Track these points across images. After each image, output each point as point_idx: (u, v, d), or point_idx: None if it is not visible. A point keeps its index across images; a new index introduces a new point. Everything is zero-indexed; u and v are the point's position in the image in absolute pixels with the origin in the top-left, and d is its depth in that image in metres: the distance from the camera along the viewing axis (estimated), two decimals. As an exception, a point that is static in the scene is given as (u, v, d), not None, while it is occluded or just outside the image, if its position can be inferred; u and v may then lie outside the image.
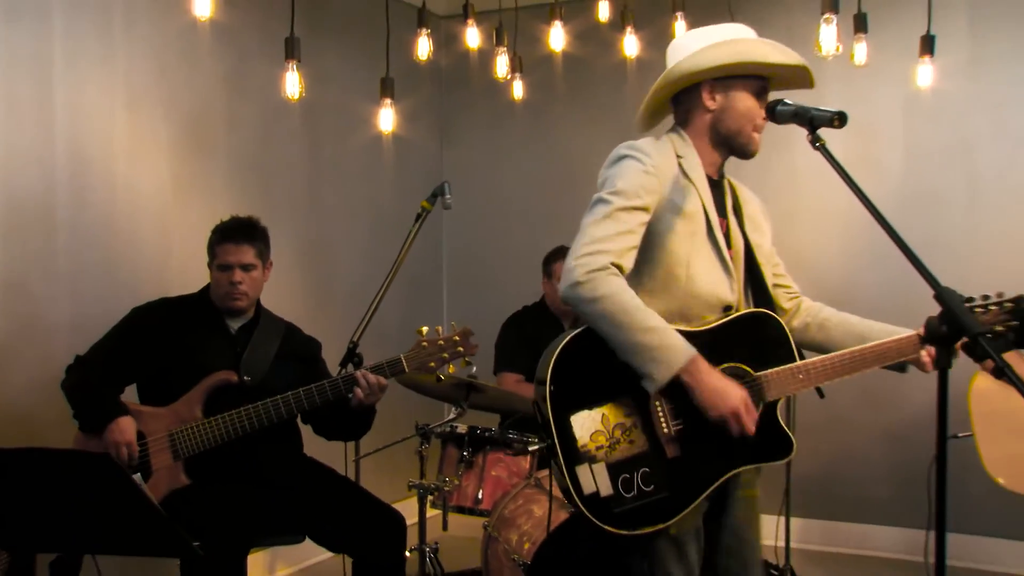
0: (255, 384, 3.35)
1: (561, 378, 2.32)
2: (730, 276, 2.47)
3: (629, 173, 2.40)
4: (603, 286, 2.27)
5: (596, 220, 2.36)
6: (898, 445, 5.00)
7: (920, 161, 5.00)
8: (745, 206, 2.64)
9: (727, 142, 2.52)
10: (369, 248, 5.33)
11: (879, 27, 4.61)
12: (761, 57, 2.44)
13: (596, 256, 2.30)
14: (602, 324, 2.29)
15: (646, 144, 2.47)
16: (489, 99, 5.89)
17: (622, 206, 2.36)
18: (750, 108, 2.48)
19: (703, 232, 2.45)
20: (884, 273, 4.85)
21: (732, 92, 2.48)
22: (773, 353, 2.47)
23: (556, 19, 4.82)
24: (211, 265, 3.46)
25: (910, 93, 4.88)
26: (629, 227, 2.35)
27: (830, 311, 2.69)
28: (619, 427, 2.33)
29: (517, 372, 4.42)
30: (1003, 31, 4.84)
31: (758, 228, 2.64)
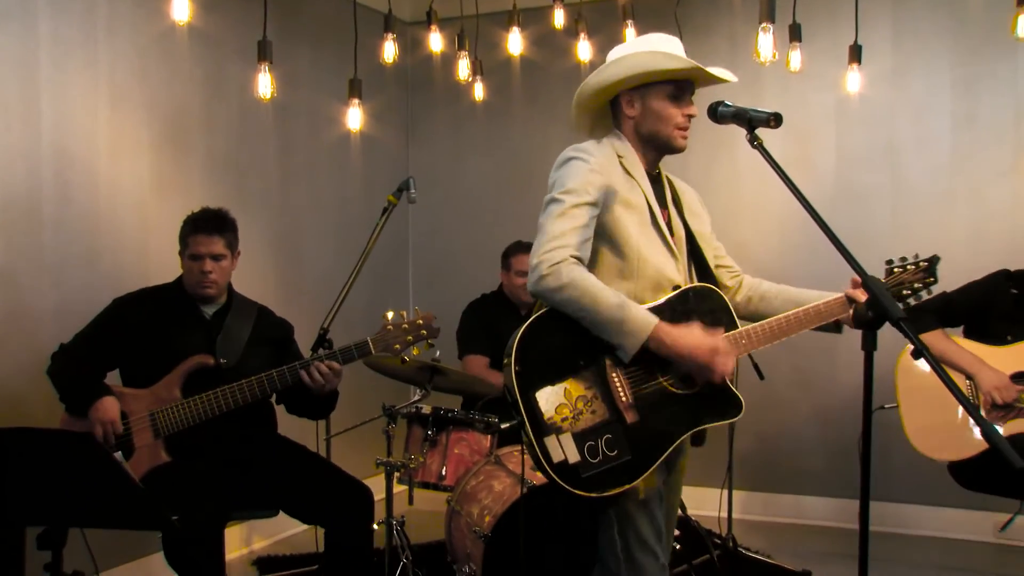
0: (231, 366, 3.34)
1: (525, 359, 2.36)
2: (675, 259, 2.54)
3: (577, 173, 2.46)
4: (566, 275, 2.33)
5: (552, 218, 2.41)
6: (830, 422, 5.08)
7: (850, 162, 5.07)
8: (683, 196, 2.72)
9: (652, 142, 2.59)
10: (338, 240, 5.30)
11: (812, 36, 4.66)
12: (652, 66, 2.51)
13: (556, 251, 2.36)
14: (572, 308, 2.35)
15: (590, 145, 2.55)
16: (451, 100, 5.88)
17: (574, 203, 2.41)
18: (663, 109, 2.54)
19: (648, 222, 2.52)
20: (818, 264, 4.89)
21: (647, 98, 2.56)
22: (718, 321, 2.53)
23: (514, 25, 4.83)
24: (183, 254, 3.43)
25: (840, 98, 4.94)
26: (582, 222, 2.41)
27: (768, 284, 2.77)
28: (581, 399, 2.37)
29: (483, 355, 4.43)
30: (923, 44, 4.92)
31: (697, 216, 2.72)
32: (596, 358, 2.39)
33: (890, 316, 1.85)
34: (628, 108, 2.57)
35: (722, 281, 2.75)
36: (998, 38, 4.63)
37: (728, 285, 2.78)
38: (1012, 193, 4.78)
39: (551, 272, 2.33)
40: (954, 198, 4.88)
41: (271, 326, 3.59)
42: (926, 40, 4.91)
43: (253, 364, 3.31)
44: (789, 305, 2.65)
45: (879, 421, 3.75)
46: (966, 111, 4.86)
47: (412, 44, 5.93)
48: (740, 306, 2.76)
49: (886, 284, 2.70)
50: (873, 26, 4.85)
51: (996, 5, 4.61)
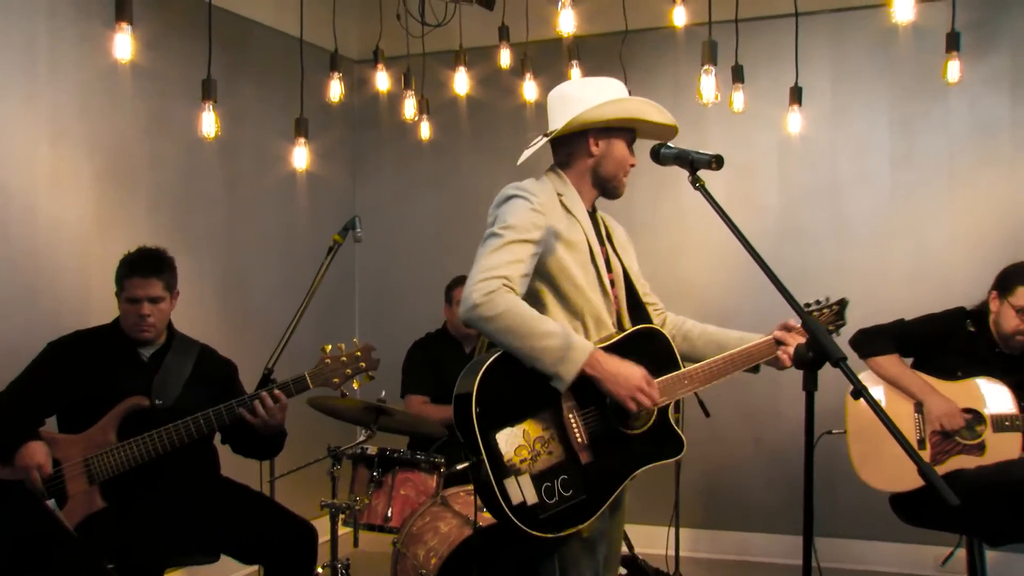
0: (167, 407, 3.25)
1: (485, 400, 2.34)
2: (607, 298, 2.56)
3: (519, 211, 2.46)
4: (500, 303, 2.32)
5: (489, 251, 2.41)
6: (775, 455, 5.10)
7: (793, 200, 5.14)
8: (614, 233, 2.76)
9: (602, 183, 2.64)
10: (284, 278, 5.25)
11: (754, 77, 4.74)
12: (647, 116, 2.58)
13: (490, 280, 2.35)
14: (505, 338, 2.33)
15: (531, 184, 2.56)
16: (398, 139, 5.87)
17: (513, 239, 2.41)
18: (624, 155, 2.62)
19: (588, 260, 2.54)
20: (763, 300, 4.91)
21: (612, 141, 2.61)
22: (663, 363, 2.57)
23: (460, 65, 4.85)
24: (119, 296, 3.33)
25: (783, 138, 5.02)
26: (519, 257, 2.41)
27: (691, 324, 2.81)
28: (539, 440, 2.37)
29: (422, 394, 4.40)
30: (862, 85, 5.03)
31: (627, 252, 2.77)
32: (553, 399, 2.40)
33: (830, 356, 1.86)
34: (593, 147, 2.60)
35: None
36: (931, 81, 4.75)
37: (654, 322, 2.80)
38: (948, 230, 4.88)
39: (485, 301, 2.32)
40: (893, 235, 4.97)
41: (213, 365, 3.52)
42: (864, 82, 5.02)
43: (192, 404, 3.23)
44: (711, 347, 2.71)
45: (826, 448, 3.77)
46: (903, 150, 4.97)
47: (359, 82, 5.92)
48: None
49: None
50: (813, 68, 4.95)
51: (928, 50, 4.74)
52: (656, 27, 5.20)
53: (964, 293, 3.97)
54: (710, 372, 2.61)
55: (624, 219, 2.90)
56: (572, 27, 3.83)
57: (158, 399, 3.26)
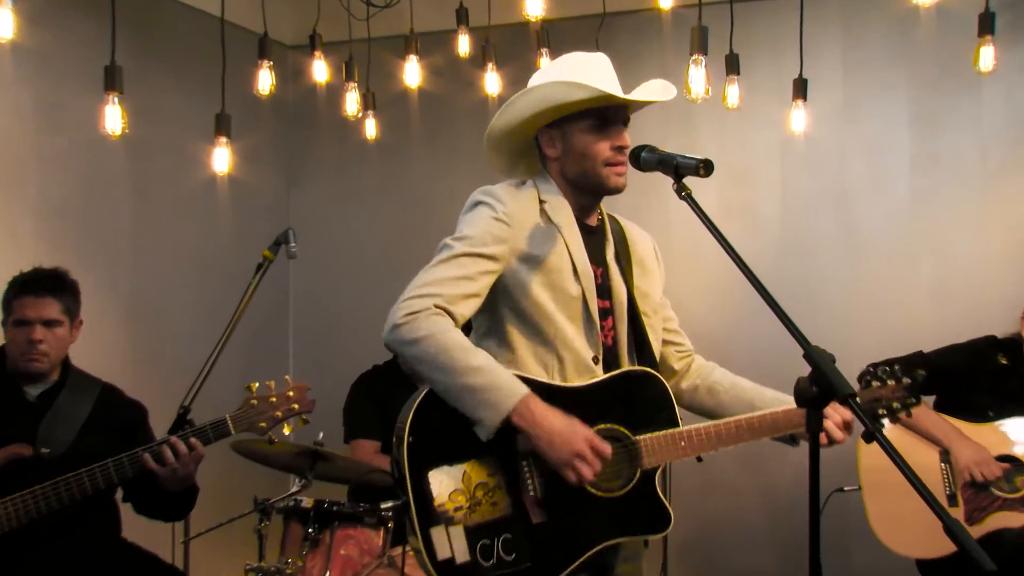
0: (55, 456, 3.19)
1: (422, 429, 2.30)
2: (591, 331, 2.47)
3: (478, 219, 2.43)
4: (424, 327, 2.27)
5: (432, 265, 2.39)
6: (780, 508, 5.10)
7: (797, 210, 5.17)
8: (634, 249, 2.65)
9: (581, 185, 2.53)
10: (203, 303, 5.20)
11: (752, 69, 4.76)
12: (560, 99, 2.45)
13: (421, 299, 2.32)
14: (424, 368, 2.29)
15: (503, 190, 2.49)
16: (339, 138, 5.85)
17: (464, 251, 2.38)
18: (590, 146, 2.48)
19: (570, 282, 2.45)
20: (761, 325, 4.92)
21: (568, 134, 2.51)
22: (654, 416, 2.47)
23: (412, 53, 4.85)
24: (6, 323, 3.29)
25: (785, 138, 5.05)
26: (467, 273, 2.36)
27: (721, 373, 2.72)
28: (481, 487, 2.31)
29: (373, 438, 4.36)
30: (877, 76, 5.07)
31: (647, 274, 2.66)
32: (507, 440, 2.32)
33: (837, 392, 1.84)
34: (548, 148, 2.53)
35: (666, 361, 2.69)
36: (959, 70, 4.78)
37: (674, 367, 2.72)
38: (979, 243, 4.91)
39: (406, 322, 2.28)
40: (914, 248, 4.99)
41: (117, 408, 3.47)
42: (880, 72, 5.06)
43: (88, 454, 3.15)
44: (739, 405, 2.59)
45: (837, 506, 3.77)
46: (926, 151, 5.00)
47: (292, 72, 5.90)
48: (683, 394, 2.70)
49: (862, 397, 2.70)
50: (820, 57, 4.98)
51: (955, 34, 4.78)
52: (638, 9, 5.22)
53: (996, 318, 3.99)
54: (718, 435, 2.47)
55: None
56: (541, 9, 3.86)
57: (45, 447, 3.19)
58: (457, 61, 5.12)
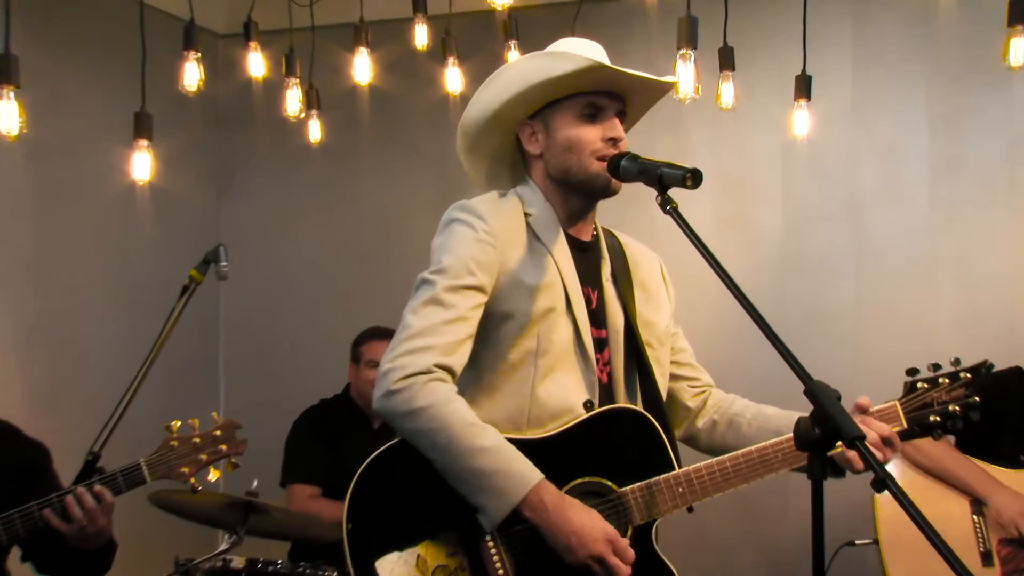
0: None
1: (363, 511, 2.28)
2: (587, 366, 2.45)
3: (458, 244, 2.39)
4: (423, 395, 2.25)
5: (416, 307, 2.35)
6: (782, 566, 5.09)
7: (801, 221, 5.19)
8: (636, 270, 2.64)
9: (568, 184, 2.50)
10: (120, 330, 5.17)
11: (748, 64, 4.77)
12: (541, 75, 2.43)
13: (416, 355, 2.28)
14: (423, 444, 2.27)
15: (483, 204, 2.47)
16: (278, 142, 5.84)
17: (449, 286, 2.34)
18: (577, 135, 2.47)
19: (561, 309, 2.43)
20: (760, 357, 4.92)
21: (552, 124, 2.49)
22: (644, 462, 2.43)
23: (361, 44, 4.84)
24: None
25: (787, 142, 5.05)
26: (459, 313, 2.33)
27: (742, 405, 2.69)
28: (441, 570, 2.28)
29: (312, 484, 4.34)
30: (890, 69, 5.10)
31: (652, 299, 2.64)
32: (467, 512, 2.29)
33: (843, 434, 1.82)
34: (530, 143, 2.51)
35: (678, 399, 2.68)
36: (986, 65, 4.81)
37: (688, 404, 2.70)
38: (1008, 259, 4.93)
39: (403, 388, 2.26)
40: (935, 266, 5.02)
41: (14, 451, 3.41)
42: (895, 68, 5.10)
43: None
44: (765, 435, 2.53)
45: (848, 562, 3.74)
46: (948, 156, 5.03)
47: (225, 65, 5.88)
48: (701, 434, 2.69)
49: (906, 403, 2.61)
50: (826, 51, 5.01)
51: (981, 23, 4.81)
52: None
53: (1030, 345, 4.01)
54: (723, 476, 2.42)
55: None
56: (509, -4, 3.86)
57: None
58: (413, 54, 5.12)
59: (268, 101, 5.71)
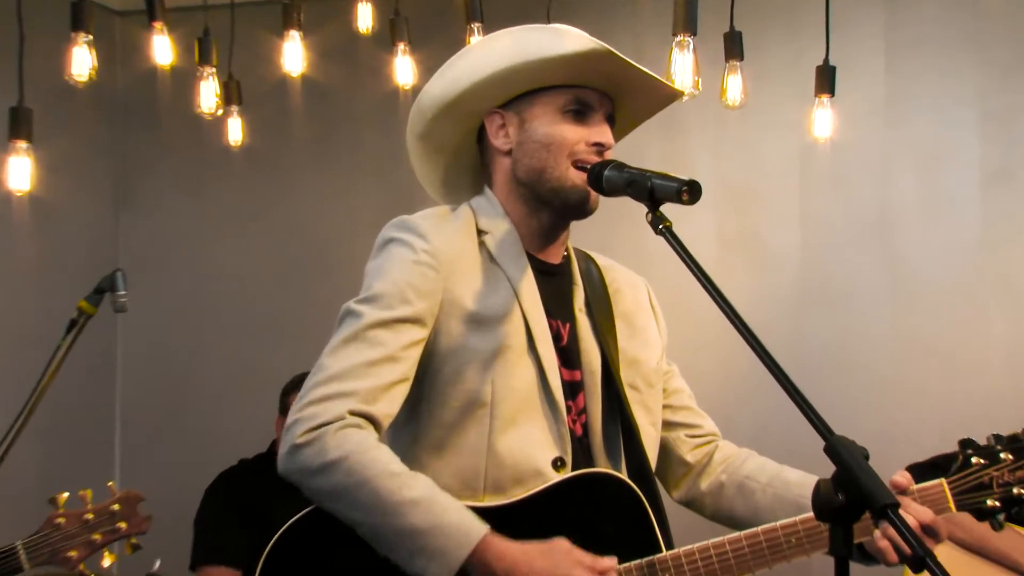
0: None
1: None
2: (557, 419, 2.44)
3: (392, 268, 2.39)
4: (335, 445, 2.23)
5: (336, 345, 2.33)
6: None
7: (823, 241, 5.23)
8: (617, 298, 2.65)
9: (535, 192, 2.50)
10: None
11: (759, 53, 4.82)
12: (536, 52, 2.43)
13: (328, 403, 2.26)
14: (341, 506, 2.26)
15: (425, 219, 2.46)
16: (190, 144, 5.84)
17: (377, 320, 2.33)
18: (557, 133, 2.47)
19: (521, 346, 2.43)
20: (772, 404, 4.96)
21: (529, 117, 2.49)
22: (625, 541, 2.40)
23: (293, 27, 4.82)
24: None
25: (805, 146, 5.10)
26: (388, 351, 2.32)
27: (757, 464, 2.66)
28: None
29: (229, 566, 4.33)
30: (929, 59, 5.16)
31: (637, 333, 2.65)
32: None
33: (871, 502, 1.82)
34: (498, 136, 2.51)
35: (675, 453, 2.68)
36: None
37: (686, 460, 2.69)
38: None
39: (310, 440, 2.23)
40: (983, 294, 5.06)
41: None
42: (935, 58, 5.15)
43: None
44: (783, 509, 2.49)
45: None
46: (999, 162, 5.09)
47: (125, 51, 5.88)
48: (705, 498, 2.68)
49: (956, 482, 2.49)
50: (854, 37, 5.05)
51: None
52: (605, -28, 5.31)
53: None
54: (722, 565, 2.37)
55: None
56: (471, -28, 3.87)
57: None
58: (356, 39, 5.13)
59: (177, 94, 5.70)
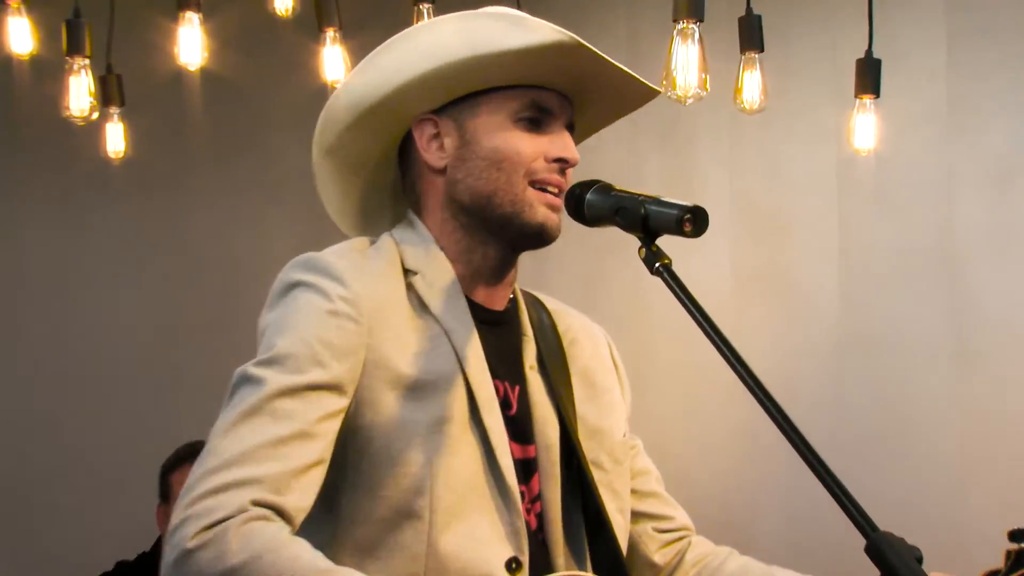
0: None
1: None
2: (509, 506, 2.44)
3: (300, 320, 2.35)
4: (241, 548, 2.14)
5: (231, 421, 2.25)
6: None
7: (868, 277, 5.28)
8: (573, 352, 2.66)
9: (485, 223, 2.48)
10: None
11: (785, 43, 4.90)
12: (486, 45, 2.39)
13: (225, 494, 2.18)
14: None
15: (339, 259, 2.44)
16: (58, 155, 5.88)
17: (284, 387, 2.27)
18: (512, 147, 2.43)
19: (463, 418, 2.42)
20: (806, 481, 5.02)
21: (470, 124, 2.46)
22: None
23: (190, 9, 4.82)
24: None
25: (844, 159, 5.16)
26: (300, 426, 2.25)
27: (739, 564, 2.70)
28: None
29: None
30: (1009, 47, 5.22)
31: (599, 396, 2.65)
32: None
33: None
34: (430, 151, 2.46)
35: (640, 550, 2.70)
36: None
37: (653, 561, 2.71)
38: None
39: (208, 542, 2.15)
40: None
41: None
42: (1014, 46, 5.22)
43: None
44: None
45: None
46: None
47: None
48: None
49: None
50: (906, 21, 5.13)
51: None
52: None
53: None
54: None
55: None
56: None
57: None
58: (273, 25, 5.17)
59: (40, 91, 5.72)
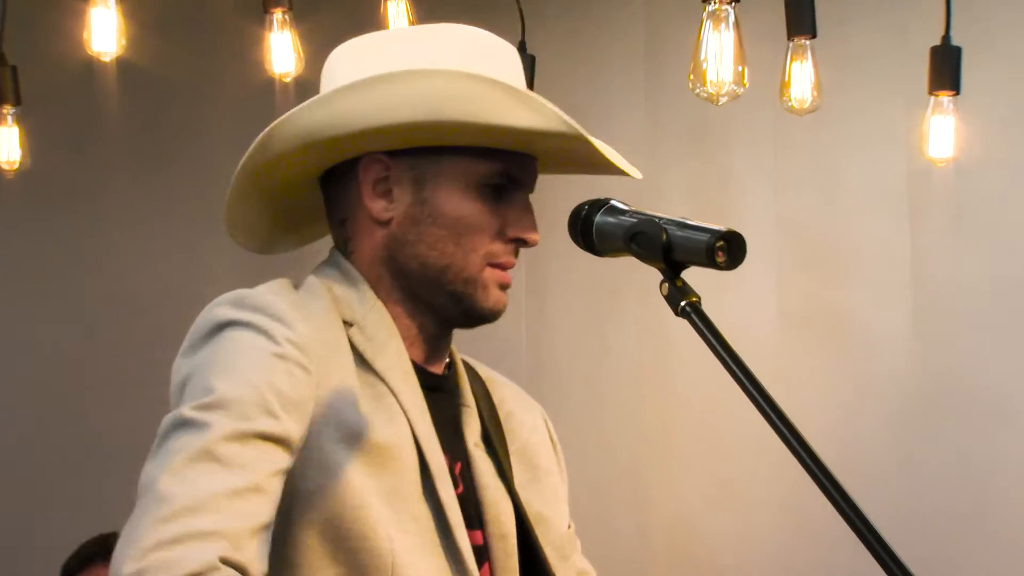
0: None
1: None
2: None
3: (243, 363, 2.36)
4: None
5: (175, 464, 2.24)
6: None
7: (948, 318, 5.32)
8: (510, 426, 2.72)
9: (430, 298, 2.55)
10: None
11: (841, 29, 4.93)
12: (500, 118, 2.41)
13: (187, 546, 2.16)
14: None
15: (278, 298, 2.46)
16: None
17: (232, 432, 2.26)
18: (473, 218, 2.50)
19: (414, 491, 2.49)
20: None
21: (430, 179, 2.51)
22: None
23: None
24: None
25: (917, 171, 5.19)
26: (254, 479, 2.26)
27: None
28: None
29: None
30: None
31: (540, 479, 2.73)
32: None
33: None
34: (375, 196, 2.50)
35: None
36: None
37: None
38: None
39: None
40: None
41: None
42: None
43: None
44: None
45: None
46: None
47: None
48: None
49: None
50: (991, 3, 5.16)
51: None
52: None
53: None
54: None
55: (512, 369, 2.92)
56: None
57: None
58: (208, 4, 5.20)
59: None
